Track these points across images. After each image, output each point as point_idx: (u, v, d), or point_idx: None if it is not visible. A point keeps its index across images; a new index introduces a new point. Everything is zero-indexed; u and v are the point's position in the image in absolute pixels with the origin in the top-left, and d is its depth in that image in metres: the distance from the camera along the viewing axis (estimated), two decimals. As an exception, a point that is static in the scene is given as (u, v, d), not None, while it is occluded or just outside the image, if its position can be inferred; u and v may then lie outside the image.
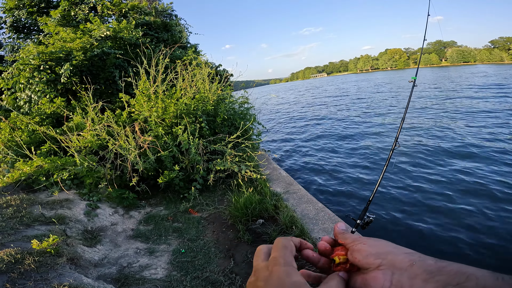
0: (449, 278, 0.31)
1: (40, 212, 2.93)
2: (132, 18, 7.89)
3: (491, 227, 3.81)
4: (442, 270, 0.32)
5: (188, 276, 2.49)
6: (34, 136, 4.34)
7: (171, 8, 10.83)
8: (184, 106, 4.47)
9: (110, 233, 3.16)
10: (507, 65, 69.95)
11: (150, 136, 3.99)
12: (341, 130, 11.21)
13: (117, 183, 3.86)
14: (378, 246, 0.42)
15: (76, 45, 5.45)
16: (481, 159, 6.17)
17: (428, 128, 9.50)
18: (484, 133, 8.12)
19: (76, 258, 2.34)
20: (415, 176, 5.60)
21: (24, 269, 1.91)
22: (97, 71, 5.80)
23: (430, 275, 0.32)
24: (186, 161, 4.18)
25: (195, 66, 5.52)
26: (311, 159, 7.95)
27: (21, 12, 8.64)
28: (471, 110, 11.81)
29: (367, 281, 0.39)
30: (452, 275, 0.31)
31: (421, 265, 0.35)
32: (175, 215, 3.70)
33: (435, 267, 0.33)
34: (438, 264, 0.34)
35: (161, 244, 3.04)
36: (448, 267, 0.32)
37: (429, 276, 0.32)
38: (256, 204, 3.39)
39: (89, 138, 3.90)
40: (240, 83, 7.16)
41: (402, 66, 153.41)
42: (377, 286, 0.37)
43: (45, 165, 3.35)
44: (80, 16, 7.57)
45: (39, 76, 4.98)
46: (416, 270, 0.34)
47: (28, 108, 5.15)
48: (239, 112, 5.54)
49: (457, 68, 73.69)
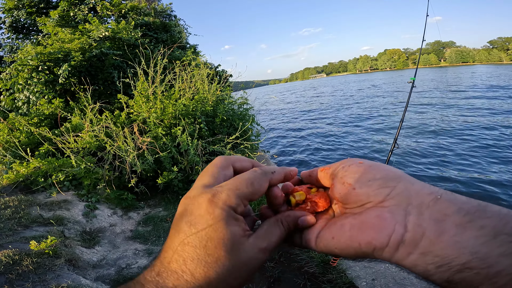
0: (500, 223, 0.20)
1: (38, 213, 2.92)
2: (131, 19, 7.89)
3: None
4: (486, 211, 0.21)
5: (186, 277, 2.48)
6: (33, 137, 4.33)
7: (171, 8, 10.83)
8: (183, 107, 4.47)
9: (108, 234, 3.15)
10: (506, 65, 70.08)
11: (149, 137, 3.99)
12: (341, 131, 11.22)
13: (115, 184, 3.85)
14: (384, 168, 0.28)
15: (75, 45, 5.44)
16: (481, 159, 6.18)
17: (428, 128, 9.51)
18: (484, 132, 8.14)
19: (74, 259, 2.34)
20: (414, 177, 5.60)
21: (22, 270, 1.90)
22: (96, 72, 5.80)
23: (469, 217, 0.21)
24: (185, 162, 4.17)
25: (194, 67, 5.51)
26: (310, 159, 7.95)
27: (20, 13, 8.63)
28: (471, 110, 11.84)
29: (364, 225, 0.25)
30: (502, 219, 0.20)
31: (451, 200, 0.22)
32: (173, 216, 3.69)
33: (473, 205, 0.21)
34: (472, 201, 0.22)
35: (160, 245, 3.04)
36: (491, 207, 0.21)
37: (467, 219, 0.21)
38: (254, 205, 3.39)
39: (88, 139, 3.90)
40: (240, 84, 7.16)
41: (401, 66, 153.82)
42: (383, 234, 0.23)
43: (42, 166, 3.34)
44: (79, 17, 7.56)
45: (37, 77, 4.97)
46: (445, 207, 0.22)
47: (27, 109, 5.14)
48: (238, 113, 5.53)
49: (456, 68, 73.82)
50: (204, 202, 0.27)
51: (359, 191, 0.27)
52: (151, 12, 9.77)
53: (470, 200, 0.22)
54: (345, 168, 0.30)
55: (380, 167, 0.28)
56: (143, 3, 10.04)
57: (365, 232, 0.25)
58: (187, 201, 0.29)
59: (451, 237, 0.20)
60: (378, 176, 0.27)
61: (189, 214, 0.27)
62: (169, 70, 4.97)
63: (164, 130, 4.30)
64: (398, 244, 0.23)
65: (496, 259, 0.18)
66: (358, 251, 0.25)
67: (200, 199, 0.27)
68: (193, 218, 0.27)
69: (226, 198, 0.27)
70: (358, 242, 0.25)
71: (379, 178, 0.26)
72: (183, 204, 0.30)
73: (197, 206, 0.27)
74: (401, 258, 0.22)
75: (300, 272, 2.28)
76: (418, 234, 0.22)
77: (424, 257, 0.21)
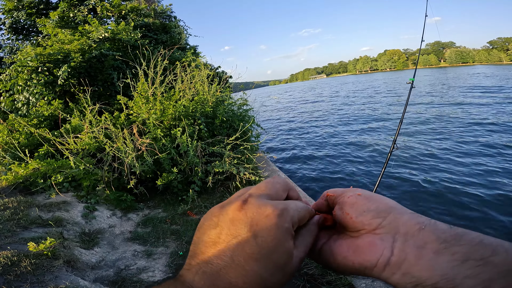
0: (470, 250, 0.23)
1: (37, 214, 2.92)
2: (131, 20, 7.89)
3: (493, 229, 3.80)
4: (460, 239, 0.24)
5: (185, 279, 2.48)
6: (32, 138, 4.33)
7: (170, 9, 10.83)
8: (182, 108, 4.47)
9: (107, 235, 3.15)
10: (506, 66, 70.16)
11: (148, 139, 3.99)
12: (341, 131, 11.23)
13: (115, 185, 3.85)
14: (377, 200, 0.32)
15: (74, 46, 5.45)
16: (482, 159, 6.18)
17: (427, 129, 9.52)
18: (486, 133, 8.14)
19: (73, 261, 2.33)
20: (414, 178, 5.60)
21: (21, 271, 1.90)
22: (95, 73, 5.80)
23: (445, 245, 0.24)
24: (184, 163, 4.17)
25: (194, 68, 5.52)
26: (310, 160, 7.95)
27: (20, 14, 8.63)
28: (472, 109, 11.84)
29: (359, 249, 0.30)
30: (473, 246, 0.23)
31: (432, 231, 0.26)
32: (173, 217, 3.69)
33: (450, 234, 0.25)
34: (453, 230, 0.26)
35: (159, 246, 3.03)
36: (466, 236, 0.25)
37: (443, 246, 0.24)
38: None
39: (87, 140, 3.90)
40: (239, 85, 7.16)
41: (401, 67, 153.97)
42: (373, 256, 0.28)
43: (42, 167, 3.34)
44: (79, 18, 7.57)
45: (37, 78, 4.98)
46: (426, 236, 0.26)
47: (26, 110, 5.14)
48: (238, 114, 5.53)
49: (456, 68, 73.89)
50: (273, 215, 0.28)
51: (355, 220, 0.31)
52: (151, 13, 9.78)
53: (450, 230, 0.26)
54: (345, 198, 0.34)
55: (375, 199, 0.32)
56: (143, 4, 10.06)
57: (358, 255, 0.29)
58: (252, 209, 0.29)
59: (427, 261, 0.24)
60: (372, 207, 0.31)
61: (254, 224, 0.28)
62: (170, 71, 4.97)
63: (164, 131, 4.30)
64: (385, 265, 0.27)
65: (462, 280, 0.22)
66: (352, 268, 0.30)
67: (268, 211, 0.29)
68: (260, 230, 0.28)
69: (292, 216, 0.30)
70: (352, 261, 0.30)
71: (372, 210, 0.31)
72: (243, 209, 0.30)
73: (265, 217, 0.28)
74: (387, 276, 0.27)
75: (299, 274, 2.28)
76: (401, 258, 0.26)
77: (404, 277, 0.25)
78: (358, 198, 0.33)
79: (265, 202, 0.30)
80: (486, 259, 0.22)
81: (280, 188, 0.34)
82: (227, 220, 0.29)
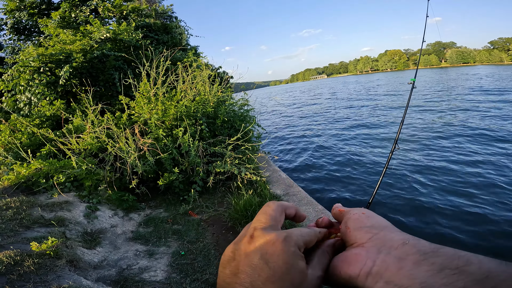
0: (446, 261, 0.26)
1: (39, 214, 2.93)
2: (133, 20, 7.91)
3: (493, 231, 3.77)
4: (438, 252, 0.27)
5: (187, 279, 2.48)
6: (34, 138, 4.35)
7: (171, 10, 10.86)
8: (184, 108, 4.48)
9: (109, 235, 3.16)
10: (507, 66, 70.00)
11: (150, 139, 4.00)
12: (342, 131, 11.23)
13: (116, 185, 3.86)
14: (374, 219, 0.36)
15: (76, 47, 5.46)
16: (483, 160, 6.17)
17: (429, 129, 9.51)
18: (487, 132, 8.13)
19: (75, 260, 2.34)
20: (415, 178, 5.60)
21: (24, 271, 1.90)
22: (97, 73, 5.81)
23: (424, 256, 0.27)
24: (186, 164, 4.18)
25: (195, 68, 5.53)
26: (311, 161, 7.95)
27: (22, 14, 8.66)
28: (473, 111, 11.83)
29: (346, 259, 0.33)
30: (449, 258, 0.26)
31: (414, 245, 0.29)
32: (174, 217, 3.70)
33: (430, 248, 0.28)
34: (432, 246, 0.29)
35: (161, 246, 3.04)
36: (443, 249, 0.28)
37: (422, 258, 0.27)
38: (256, 207, 3.39)
39: (89, 140, 3.91)
40: (240, 85, 7.17)
41: (402, 67, 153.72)
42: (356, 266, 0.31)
43: (44, 167, 3.35)
44: (81, 18, 7.59)
45: (39, 78, 4.99)
46: (408, 249, 0.29)
47: (28, 110, 5.16)
48: (239, 114, 5.54)
49: (457, 69, 73.76)
50: (278, 242, 0.32)
51: (352, 233, 0.35)
52: (152, 14, 9.80)
53: (429, 244, 0.29)
54: (351, 215, 0.38)
55: (372, 218, 0.36)
56: (144, 4, 10.08)
57: (344, 264, 0.32)
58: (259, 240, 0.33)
59: (408, 271, 0.27)
60: (367, 224, 0.35)
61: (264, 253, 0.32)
62: (171, 71, 4.98)
63: (165, 131, 4.31)
64: (367, 274, 0.30)
65: None
66: (339, 278, 0.33)
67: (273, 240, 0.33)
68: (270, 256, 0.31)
69: (296, 240, 0.33)
70: (339, 270, 0.33)
71: (367, 226, 0.34)
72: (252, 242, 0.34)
73: (271, 245, 0.32)
74: (371, 285, 0.29)
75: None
76: (382, 268, 0.29)
77: (387, 285, 0.27)
78: (360, 215, 0.37)
79: (269, 232, 0.34)
80: (461, 268, 0.25)
81: (277, 213, 0.38)
82: (242, 254, 0.33)
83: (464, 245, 3.56)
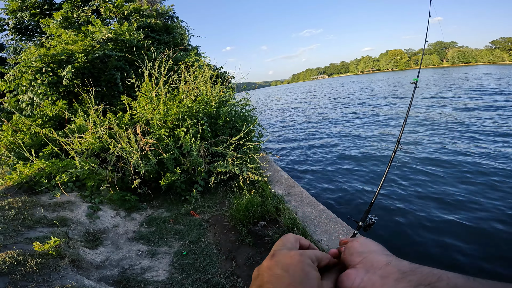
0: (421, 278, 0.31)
1: (42, 214, 2.93)
2: (134, 21, 7.92)
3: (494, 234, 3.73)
4: (415, 271, 0.33)
5: (189, 278, 2.48)
6: (36, 138, 4.36)
7: (172, 10, 10.86)
8: (186, 108, 4.48)
9: (111, 235, 3.16)
10: (508, 66, 69.78)
11: (152, 139, 4.00)
12: (344, 131, 11.20)
13: (118, 185, 3.86)
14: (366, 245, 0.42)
15: (78, 47, 5.47)
16: (485, 161, 6.15)
17: (432, 129, 9.48)
18: (490, 131, 8.10)
19: (78, 260, 2.35)
20: (417, 178, 5.58)
21: (26, 271, 1.91)
22: (99, 74, 5.82)
23: (403, 275, 0.33)
24: (187, 164, 4.18)
25: (197, 68, 5.53)
26: (312, 161, 7.94)
27: (23, 14, 8.67)
28: (474, 109, 11.78)
29: (340, 278, 0.39)
30: (424, 276, 0.32)
31: (395, 265, 0.35)
32: (176, 217, 3.70)
33: (409, 268, 0.34)
34: (411, 265, 0.35)
35: (163, 246, 3.04)
36: (420, 269, 0.33)
37: (401, 276, 0.33)
38: (257, 206, 3.38)
39: (91, 140, 3.91)
40: (242, 85, 7.17)
41: (403, 67, 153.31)
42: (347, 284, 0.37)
43: (46, 167, 3.36)
44: (83, 18, 7.60)
45: (41, 78, 5.00)
46: (390, 269, 0.35)
47: (30, 111, 5.17)
48: (240, 114, 5.53)
49: (459, 68, 73.56)
50: (296, 255, 0.39)
51: (348, 257, 0.42)
52: (153, 14, 9.81)
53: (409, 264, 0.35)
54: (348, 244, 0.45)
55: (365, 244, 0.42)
56: (145, 5, 10.09)
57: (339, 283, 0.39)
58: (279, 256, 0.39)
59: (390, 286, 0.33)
60: (359, 250, 0.41)
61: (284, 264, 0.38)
62: (174, 71, 4.98)
63: (167, 131, 4.32)
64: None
65: None
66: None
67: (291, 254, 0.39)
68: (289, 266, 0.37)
69: (310, 255, 0.40)
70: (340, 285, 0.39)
71: (359, 251, 0.41)
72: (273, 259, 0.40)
73: (289, 257, 0.38)
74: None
75: None
76: (368, 284, 0.35)
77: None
78: (354, 243, 0.43)
79: (287, 250, 0.41)
80: (433, 285, 0.30)
81: (293, 240, 0.44)
82: (265, 268, 0.39)
83: (463, 243, 3.55)
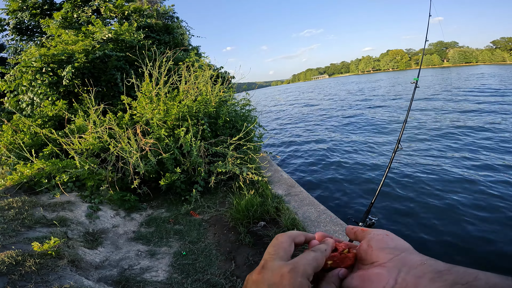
0: (457, 277, 0.30)
1: (41, 214, 2.93)
2: (134, 21, 7.92)
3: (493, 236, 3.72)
4: (450, 270, 0.31)
5: (189, 279, 2.48)
6: (37, 138, 4.36)
7: (173, 10, 10.86)
8: (186, 108, 4.47)
9: (111, 235, 3.16)
10: (509, 66, 69.67)
11: (152, 139, 4.00)
12: (344, 131, 11.19)
13: (118, 185, 3.86)
14: (397, 241, 0.39)
15: (78, 47, 5.47)
16: (486, 161, 6.13)
17: (432, 129, 9.46)
18: (489, 131, 8.08)
19: (77, 260, 2.34)
20: (418, 178, 5.57)
21: (25, 271, 1.90)
22: (99, 74, 5.82)
23: (438, 274, 0.31)
24: (187, 164, 4.17)
25: (197, 68, 5.52)
26: (312, 160, 7.93)
27: (24, 14, 8.68)
28: (475, 109, 11.76)
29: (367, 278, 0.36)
30: (460, 275, 0.30)
31: (431, 264, 0.33)
32: (176, 217, 3.70)
33: (444, 267, 0.32)
34: (446, 265, 0.33)
35: (162, 246, 3.04)
36: (455, 268, 0.32)
37: (437, 275, 0.31)
38: (257, 207, 3.38)
39: (91, 140, 3.91)
40: (242, 85, 7.17)
41: (404, 67, 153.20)
42: (379, 284, 0.34)
43: (46, 167, 3.35)
44: (83, 19, 7.60)
45: (41, 78, 5.00)
46: (425, 269, 0.33)
47: (31, 111, 5.17)
48: (240, 114, 5.53)
49: (459, 68, 73.45)
50: (285, 275, 0.34)
51: (375, 252, 0.38)
52: (154, 14, 9.81)
53: (444, 264, 0.33)
54: (374, 235, 0.41)
55: (396, 240, 0.39)
56: (146, 5, 10.08)
57: (367, 284, 0.35)
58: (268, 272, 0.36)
59: (424, 286, 0.31)
60: (391, 245, 0.38)
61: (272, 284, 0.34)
62: (174, 71, 4.98)
63: (167, 131, 4.31)
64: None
65: None
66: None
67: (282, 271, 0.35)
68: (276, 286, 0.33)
69: (303, 270, 0.35)
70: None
71: (391, 247, 0.37)
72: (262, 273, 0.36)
73: (279, 277, 0.34)
74: None
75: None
76: (403, 285, 0.32)
77: None
78: (384, 236, 0.40)
79: (278, 265, 0.36)
80: (470, 283, 0.28)
81: (286, 245, 0.40)
82: (252, 283, 0.36)
83: (463, 243, 3.54)
